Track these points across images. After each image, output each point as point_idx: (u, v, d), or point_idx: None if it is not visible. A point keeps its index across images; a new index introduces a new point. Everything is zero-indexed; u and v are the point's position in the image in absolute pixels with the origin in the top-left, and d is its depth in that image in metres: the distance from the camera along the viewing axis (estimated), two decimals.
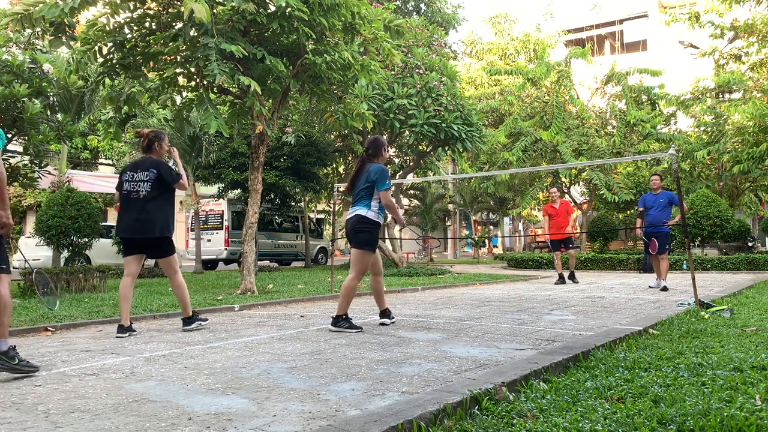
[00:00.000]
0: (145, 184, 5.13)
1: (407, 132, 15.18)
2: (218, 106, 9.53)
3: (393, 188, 5.17)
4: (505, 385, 2.80)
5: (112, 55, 8.55)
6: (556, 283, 10.99)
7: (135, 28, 8.45)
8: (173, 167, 5.35)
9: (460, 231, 38.93)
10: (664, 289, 8.99)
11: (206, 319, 5.48)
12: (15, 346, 3.56)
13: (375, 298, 5.52)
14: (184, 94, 10.29)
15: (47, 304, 6.55)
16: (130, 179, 5.19)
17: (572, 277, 11.38)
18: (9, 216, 3.48)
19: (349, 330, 5.00)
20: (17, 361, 3.45)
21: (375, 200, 5.17)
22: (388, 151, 5.37)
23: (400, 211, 5.71)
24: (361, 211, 5.15)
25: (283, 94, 9.15)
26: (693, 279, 6.46)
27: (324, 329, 5.23)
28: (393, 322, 5.51)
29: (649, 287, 9.60)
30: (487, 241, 37.96)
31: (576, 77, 21.20)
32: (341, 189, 9.14)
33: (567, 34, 34.12)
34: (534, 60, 26.44)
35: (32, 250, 15.03)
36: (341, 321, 5.07)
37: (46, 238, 10.51)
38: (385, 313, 5.51)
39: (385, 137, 17.23)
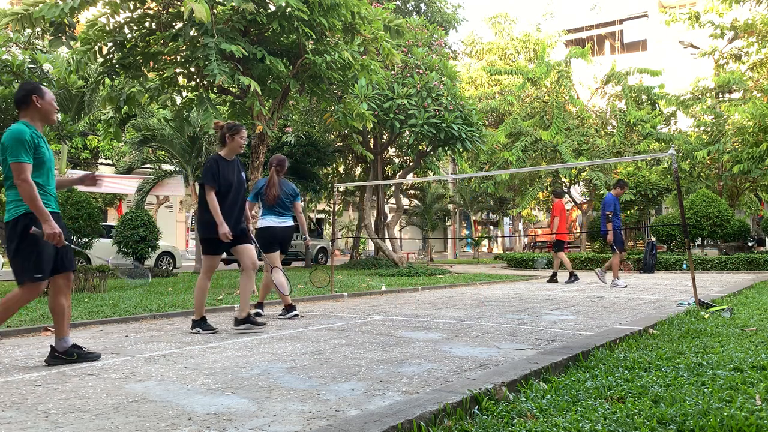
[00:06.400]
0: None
1: (407, 132, 15.18)
2: (218, 106, 9.54)
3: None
4: (505, 385, 2.80)
5: (112, 55, 8.56)
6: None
7: (135, 28, 8.46)
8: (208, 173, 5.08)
9: (460, 231, 38.94)
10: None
11: (265, 324, 5.41)
12: None
13: (263, 290, 6.39)
14: (184, 94, 10.30)
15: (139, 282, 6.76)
16: None
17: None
18: (53, 226, 3.55)
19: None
20: None
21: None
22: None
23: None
24: (292, 221, 6.26)
25: (283, 94, 9.15)
26: (693, 279, 6.46)
27: (324, 329, 5.23)
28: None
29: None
30: (526, 238, 36.63)
31: (576, 77, 21.19)
32: (341, 189, 9.17)
33: (567, 34, 34.11)
34: (534, 60, 26.43)
35: None
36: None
37: None
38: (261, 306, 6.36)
39: (385, 137, 17.33)
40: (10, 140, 3.54)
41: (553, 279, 11.44)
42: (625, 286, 9.77)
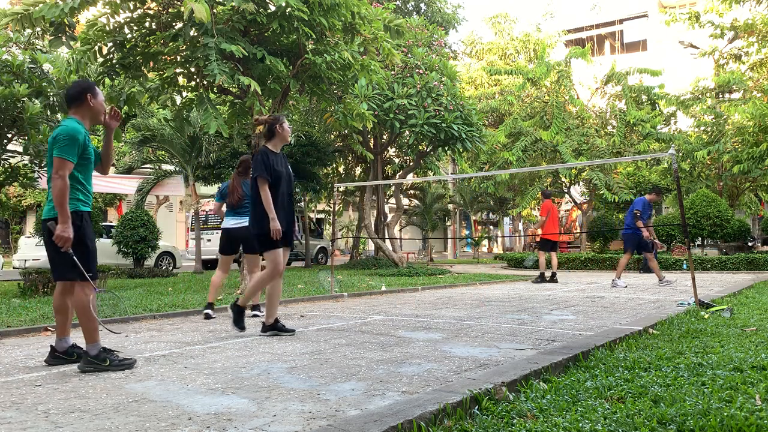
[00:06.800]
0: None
1: (407, 132, 15.18)
2: (218, 106, 9.54)
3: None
4: (505, 385, 2.80)
5: (112, 55, 8.56)
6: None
7: (135, 28, 8.46)
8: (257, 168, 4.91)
9: (460, 231, 38.92)
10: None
11: (293, 332, 5.09)
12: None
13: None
14: (184, 94, 10.29)
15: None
16: None
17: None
18: (68, 230, 3.49)
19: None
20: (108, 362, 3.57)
21: None
22: None
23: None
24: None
25: (283, 94, 9.15)
26: (693, 279, 6.45)
27: (324, 329, 5.23)
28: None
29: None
30: (526, 238, 35.64)
31: (576, 77, 21.18)
32: (341, 189, 9.15)
33: (567, 34, 34.10)
34: (534, 60, 26.43)
35: (32, 250, 15.05)
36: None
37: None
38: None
39: (385, 137, 17.34)
40: (65, 135, 3.51)
41: (553, 279, 11.46)
42: (626, 287, 9.78)
